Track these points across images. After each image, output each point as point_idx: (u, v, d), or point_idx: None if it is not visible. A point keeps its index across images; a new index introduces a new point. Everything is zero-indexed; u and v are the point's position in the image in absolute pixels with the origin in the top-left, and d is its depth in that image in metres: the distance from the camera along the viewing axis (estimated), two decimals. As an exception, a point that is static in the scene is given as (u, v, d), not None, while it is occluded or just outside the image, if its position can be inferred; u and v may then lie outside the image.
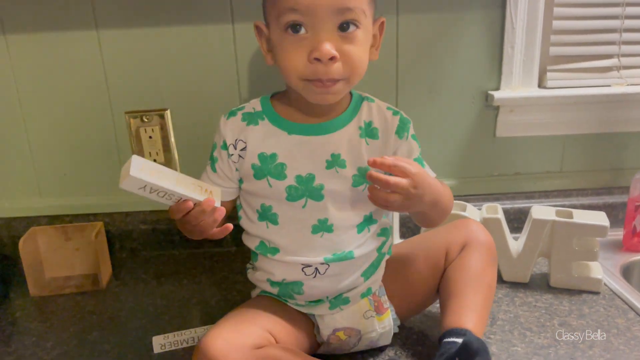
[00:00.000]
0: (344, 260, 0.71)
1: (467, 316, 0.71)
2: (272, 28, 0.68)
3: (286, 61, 0.66)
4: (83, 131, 1.02)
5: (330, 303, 0.74)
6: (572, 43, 1.02)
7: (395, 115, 0.74)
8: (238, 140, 0.72)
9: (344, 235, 0.72)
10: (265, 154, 0.71)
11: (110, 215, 1.05)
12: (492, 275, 0.76)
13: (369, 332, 0.75)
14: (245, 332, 0.66)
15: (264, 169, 0.71)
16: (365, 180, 0.70)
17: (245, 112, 0.74)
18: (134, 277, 0.99)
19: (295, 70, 0.65)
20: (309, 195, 0.70)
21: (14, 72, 0.98)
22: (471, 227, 0.79)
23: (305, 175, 0.70)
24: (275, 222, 0.72)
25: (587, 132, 1.07)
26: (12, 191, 1.05)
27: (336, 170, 0.70)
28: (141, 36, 0.96)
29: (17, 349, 0.80)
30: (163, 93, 1.00)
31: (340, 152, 0.70)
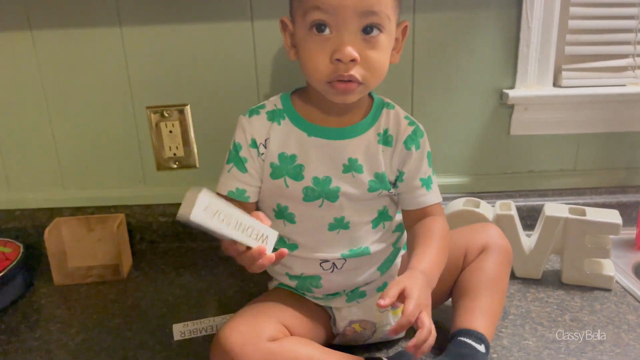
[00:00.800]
0: (361, 255, 0.73)
1: (480, 318, 0.72)
2: (297, 25, 0.68)
3: (309, 60, 0.66)
4: (105, 125, 1.05)
5: (347, 296, 0.76)
6: (587, 42, 1.03)
7: (411, 126, 0.73)
8: (267, 140, 0.72)
9: (360, 231, 0.73)
10: (286, 154, 0.71)
11: (131, 208, 1.08)
12: (506, 281, 0.78)
13: (383, 325, 0.77)
14: (261, 325, 0.67)
15: (282, 169, 0.71)
16: (381, 186, 0.72)
17: (269, 111, 0.73)
18: (153, 268, 1.02)
19: (317, 70, 0.66)
20: (325, 196, 0.71)
21: (40, 67, 1.01)
22: (491, 232, 0.80)
23: (322, 177, 0.71)
24: (292, 221, 0.73)
25: (602, 131, 1.07)
26: (37, 183, 1.09)
27: (352, 175, 0.71)
28: (162, 33, 0.99)
29: (43, 334, 0.83)
30: (183, 89, 1.02)
31: (358, 157, 0.71)
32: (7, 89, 1.02)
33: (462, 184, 1.08)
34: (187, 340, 0.80)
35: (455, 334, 0.72)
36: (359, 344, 0.78)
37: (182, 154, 1.07)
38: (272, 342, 0.65)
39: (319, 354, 0.67)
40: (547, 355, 0.74)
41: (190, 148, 1.06)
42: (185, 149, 1.06)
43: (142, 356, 0.77)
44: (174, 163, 1.07)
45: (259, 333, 0.65)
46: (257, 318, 0.69)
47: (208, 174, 1.08)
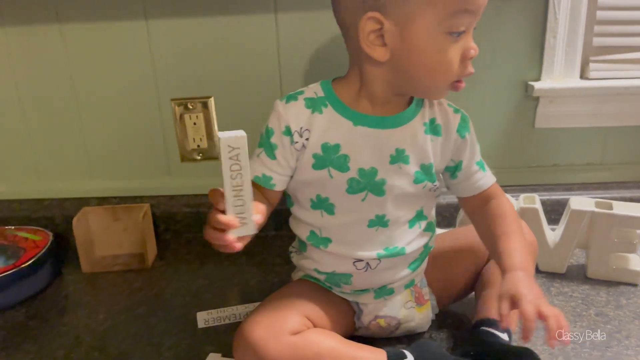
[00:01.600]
0: (396, 256, 0.72)
1: None
2: (416, 25, 0.61)
3: (441, 61, 0.63)
4: (131, 117, 1.07)
5: (375, 292, 0.75)
6: (616, 34, 1.01)
7: (457, 113, 0.73)
8: (304, 129, 0.68)
9: (398, 230, 0.72)
10: (329, 144, 0.68)
11: (156, 198, 1.10)
12: (531, 273, 0.76)
13: (407, 322, 0.76)
14: (284, 319, 0.67)
15: (326, 160, 0.68)
16: (426, 177, 0.71)
17: (307, 98, 0.69)
18: (177, 258, 1.04)
19: (450, 70, 0.64)
20: (370, 189, 0.69)
21: (69, 60, 1.03)
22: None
23: (368, 168, 0.68)
24: (331, 212, 0.71)
25: (630, 125, 1.05)
26: (65, 173, 1.11)
27: (399, 166, 0.69)
28: (187, 26, 1.00)
29: (71, 320, 0.85)
30: (207, 81, 1.03)
31: (405, 148, 0.69)
32: (37, 81, 1.04)
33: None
34: (211, 328, 0.82)
35: (478, 323, 0.72)
36: (382, 337, 0.78)
37: (205, 145, 1.08)
38: (295, 336, 0.66)
39: (342, 346, 0.68)
40: (571, 349, 0.73)
41: (214, 140, 1.07)
42: (208, 141, 1.08)
43: (166, 342, 0.79)
44: (197, 155, 1.09)
45: (281, 326, 0.66)
46: (280, 311, 0.68)
47: (231, 165, 1.09)
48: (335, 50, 0.99)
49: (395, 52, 0.64)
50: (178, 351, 0.76)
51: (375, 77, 0.67)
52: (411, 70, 0.65)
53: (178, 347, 0.77)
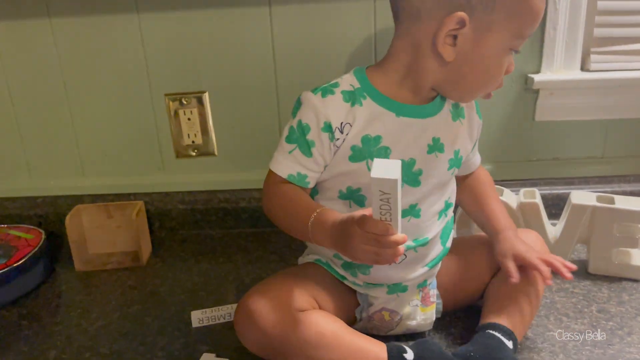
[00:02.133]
0: (422, 247, 0.71)
1: (511, 315, 0.71)
2: (490, 36, 0.62)
3: (494, 73, 0.66)
4: (124, 113, 1.05)
5: (389, 288, 0.73)
6: (617, 24, 0.99)
7: None
8: (344, 124, 0.65)
9: (429, 221, 0.71)
10: (370, 136, 0.66)
11: (150, 195, 1.08)
12: (541, 286, 0.75)
13: (409, 320, 0.75)
14: (291, 293, 0.66)
15: (365, 152, 0.66)
16: (456, 163, 0.72)
17: (345, 91, 0.67)
18: (172, 255, 1.02)
19: (495, 82, 0.67)
20: (406, 180, 0.68)
21: (59, 55, 1.01)
22: (531, 238, 0.78)
23: (408, 160, 0.67)
24: (361, 203, 0.68)
25: (631, 117, 1.04)
26: (58, 171, 1.10)
27: (436, 154, 0.69)
28: (180, 20, 0.98)
29: (64, 319, 0.84)
30: (201, 76, 1.02)
31: (440, 136, 0.69)
32: (27, 77, 1.03)
33: (485, 171, 1.06)
34: (205, 327, 0.80)
35: (484, 326, 0.70)
36: (380, 333, 0.76)
37: (200, 141, 1.06)
38: (300, 312, 0.65)
39: (345, 331, 0.66)
40: (572, 347, 0.72)
41: (209, 136, 1.06)
42: (203, 136, 1.06)
43: (160, 342, 0.77)
44: (192, 151, 1.07)
45: (287, 301, 0.65)
46: (287, 286, 0.67)
47: (227, 161, 1.07)
48: (329, 43, 0.97)
49: (461, 56, 0.64)
50: (171, 351, 0.75)
51: (429, 72, 0.66)
52: (468, 75, 0.66)
53: (172, 346, 0.76)
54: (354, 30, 0.97)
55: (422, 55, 0.65)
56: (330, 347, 0.64)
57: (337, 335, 0.65)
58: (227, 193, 1.08)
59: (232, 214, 1.09)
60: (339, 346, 0.64)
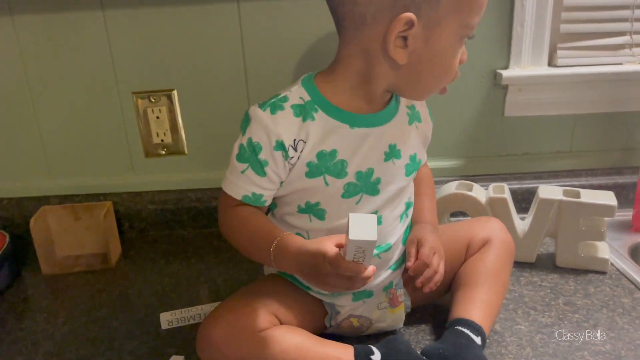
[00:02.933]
0: (385, 252, 0.70)
1: (478, 309, 0.71)
2: (441, 30, 0.61)
3: (449, 66, 0.64)
4: (91, 111, 1.03)
5: (354, 295, 0.72)
6: (583, 20, 1.00)
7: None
8: (298, 141, 0.63)
9: (390, 226, 0.71)
10: (325, 151, 0.64)
11: (120, 195, 1.06)
12: (507, 275, 0.77)
13: (379, 322, 0.75)
14: (249, 315, 0.64)
15: (321, 167, 0.64)
16: (414, 168, 0.72)
17: (295, 105, 0.64)
18: (142, 256, 1.01)
19: (450, 75, 0.65)
20: (365, 190, 0.67)
21: (22, 53, 0.98)
22: (494, 225, 0.79)
23: (365, 170, 0.66)
24: (321, 217, 0.67)
25: (598, 112, 1.05)
26: (23, 171, 1.07)
27: (393, 161, 0.68)
28: (147, 16, 0.96)
29: (29, 325, 0.82)
30: (170, 73, 1.00)
31: (396, 142, 0.68)
32: (-12, 75, 1.00)
33: (455, 166, 1.06)
34: (175, 329, 0.79)
35: (453, 322, 0.71)
36: (352, 336, 0.76)
37: (170, 140, 1.05)
38: (261, 333, 0.63)
39: (308, 342, 0.66)
40: (539, 340, 0.73)
41: (179, 134, 1.04)
42: (173, 135, 1.04)
43: (128, 346, 0.76)
44: (162, 150, 1.06)
45: (246, 324, 0.63)
46: (245, 308, 0.66)
47: (197, 161, 1.06)
48: (299, 40, 0.97)
49: (414, 56, 0.62)
50: (140, 355, 0.74)
51: (383, 77, 0.64)
52: (424, 73, 0.64)
53: (140, 350, 0.75)
54: (323, 26, 0.96)
55: (374, 61, 0.63)
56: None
57: (301, 348, 0.64)
58: (199, 192, 1.06)
59: (203, 214, 1.07)
60: (304, 359, 0.64)
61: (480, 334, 0.69)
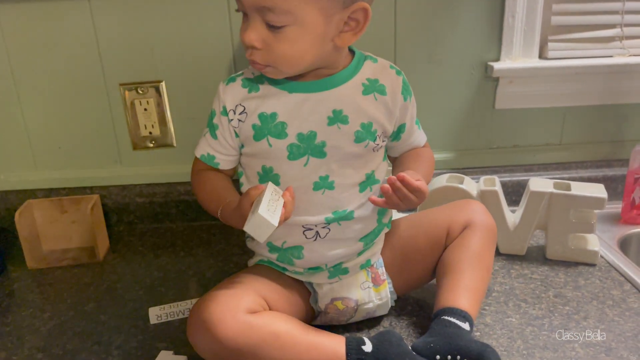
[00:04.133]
0: (344, 220, 0.71)
1: (464, 296, 0.71)
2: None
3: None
4: (77, 103, 1.01)
5: (329, 272, 0.74)
6: (574, 12, 1.00)
7: (399, 76, 0.73)
8: (238, 105, 0.71)
9: (346, 192, 0.71)
10: (266, 113, 0.70)
11: (107, 189, 1.05)
12: (490, 258, 0.77)
13: (365, 303, 0.75)
14: (240, 296, 0.66)
15: (264, 129, 0.69)
16: (367, 136, 0.70)
17: (245, 78, 0.72)
18: (130, 250, 1.00)
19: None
20: (310, 152, 0.69)
21: (6, 43, 0.96)
22: (474, 208, 0.79)
23: (307, 132, 0.69)
24: (277, 182, 0.70)
25: (588, 104, 1.05)
26: (8, 164, 1.05)
27: (338, 126, 0.69)
28: (134, 6, 0.94)
29: (14, 320, 0.81)
30: (158, 64, 0.99)
31: (342, 108, 0.69)
32: (-29, 66, 0.98)
33: (446, 159, 1.06)
34: (164, 323, 0.78)
35: (439, 312, 0.71)
36: (341, 323, 0.76)
37: (158, 132, 1.03)
38: (251, 315, 0.64)
39: (299, 329, 0.66)
40: (530, 332, 0.73)
41: (167, 126, 1.03)
42: (161, 127, 1.03)
43: (116, 340, 0.75)
44: (150, 142, 1.04)
45: (237, 304, 0.64)
46: (235, 290, 0.67)
47: (185, 153, 1.05)
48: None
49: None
50: (128, 349, 0.73)
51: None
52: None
53: (128, 344, 0.74)
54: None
55: None
56: (286, 346, 0.64)
57: (292, 334, 0.65)
58: (187, 185, 1.05)
59: (192, 207, 1.06)
60: (295, 345, 0.64)
61: (467, 320, 0.69)
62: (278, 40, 0.64)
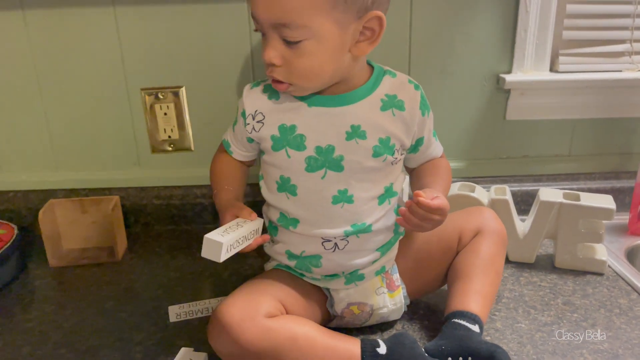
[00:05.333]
0: (363, 233, 0.73)
1: (474, 300, 0.73)
2: None
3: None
4: (99, 106, 1.04)
5: (346, 278, 0.76)
6: (585, 27, 1.02)
7: (417, 90, 0.75)
8: (257, 112, 0.74)
9: (365, 206, 0.73)
10: (285, 125, 0.72)
11: (125, 190, 1.08)
12: (500, 263, 0.78)
13: (380, 308, 0.77)
14: (258, 301, 0.67)
15: (283, 140, 0.72)
16: (385, 151, 0.72)
17: (268, 84, 0.74)
18: (147, 251, 1.02)
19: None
20: (328, 166, 0.71)
21: (32, 48, 0.99)
22: (485, 215, 0.80)
23: (325, 146, 0.71)
24: (294, 193, 0.73)
25: (597, 117, 1.07)
26: (30, 165, 1.08)
27: (356, 141, 0.71)
28: (157, 13, 0.97)
29: (37, 316, 0.83)
30: (178, 70, 1.01)
31: (360, 124, 0.71)
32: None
33: (458, 168, 1.08)
34: (182, 322, 0.81)
35: (449, 316, 0.73)
36: (356, 326, 0.78)
37: (177, 136, 1.06)
38: (270, 319, 0.66)
39: (316, 332, 0.68)
40: (539, 337, 0.75)
41: (185, 131, 1.06)
42: (180, 131, 1.06)
43: (136, 337, 0.77)
44: (168, 146, 1.07)
45: (256, 309, 0.66)
46: (254, 295, 0.69)
47: (203, 157, 1.07)
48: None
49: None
50: (148, 346, 0.75)
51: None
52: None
53: (148, 341, 0.76)
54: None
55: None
56: (304, 349, 0.66)
57: (309, 337, 0.67)
58: (204, 188, 1.08)
59: (208, 210, 1.09)
60: (312, 348, 0.66)
61: (477, 322, 0.70)
62: (297, 55, 0.66)
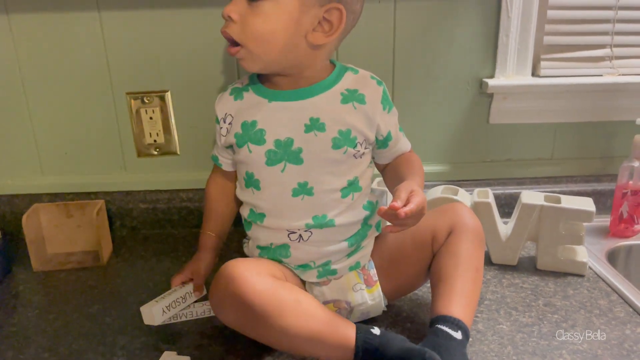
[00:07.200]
0: (325, 227, 0.74)
1: (457, 303, 0.72)
2: None
3: None
4: (84, 111, 1.04)
5: (318, 272, 0.76)
6: (566, 33, 1.04)
7: (380, 86, 0.76)
8: (227, 115, 0.77)
9: (326, 198, 0.74)
10: (247, 122, 0.74)
11: (111, 194, 1.08)
12: (479, 260, 0.77)
13: (359, 305, 0.77)
14: (263, 264, 0.72)
15: (245, 136, 0.74)
16: (345, 143, 0.73)
17: (234, 87, 0.78)
18: (133, 254, 1.02)
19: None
20: (287, 159, 0.73)
21: (17, 51, 0.99)
22: (458, 211, 0.78)
23: (284, 139, 0.73)
24: (257, 187, 0.75)
25: (579, 121, 1.09)
26: (15, 169, 1.08)
27: (315, 133, 0.72)
28: (142, 18, 0.98)
29: (20, 320, 0.83)
30: (164, 75, 1.02)
31: (319, 116, 0.73)
32: (-17, 73, 1.00)
33: (441, 171, 1.10)
34: (166, 326, 0.80)
35: (433, 321, 0.72)
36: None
37: (162, 140, 1.06)
38: (277, 280, 0.68)
39: (317, 303, 0.70)
40: (520, 338, 0.76)
41: (171, 135, 1.06)
42: (165, 135, 1.06)
43: (121, 341, 0.77)
44: (154, 150, 1.07)
45: (263, 268, 0.70)
46: (260, 260, 0.75)
47: (188, 160, 1.08)
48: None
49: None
50: (132, 349, 0.75)
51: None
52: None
53: (132, 345, 0.76)
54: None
55: None
56: (307, 313, 0.67)
57: (312, 304, 0.68)
58: (190, 192, 1.08)
59: (194, 213, 1.09)
60: (314, 315, 0.67)
61: (460, 328, 0.70)
62: (254, 14, 0.68)
